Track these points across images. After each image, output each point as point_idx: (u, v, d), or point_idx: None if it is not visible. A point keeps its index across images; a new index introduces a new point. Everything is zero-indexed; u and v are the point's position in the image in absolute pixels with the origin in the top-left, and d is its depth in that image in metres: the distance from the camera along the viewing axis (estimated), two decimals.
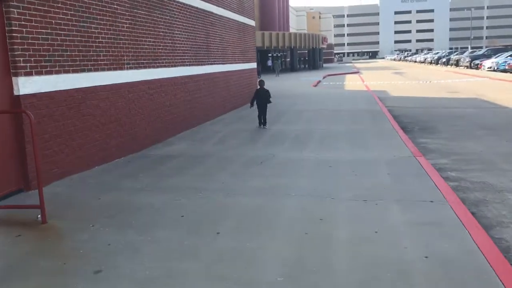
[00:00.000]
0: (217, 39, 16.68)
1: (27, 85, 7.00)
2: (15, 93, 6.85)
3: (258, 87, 14.00)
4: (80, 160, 8.28)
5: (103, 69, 9.06)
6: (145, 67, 10.84)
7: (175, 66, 12.63)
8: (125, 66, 9.93)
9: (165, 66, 11.97)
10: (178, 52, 12.88)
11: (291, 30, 79.96)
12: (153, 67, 11.30)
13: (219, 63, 16.91)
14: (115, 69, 9.49)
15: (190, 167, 8.49)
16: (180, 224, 5.58)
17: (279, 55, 68.80)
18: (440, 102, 20.60)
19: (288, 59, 69.20)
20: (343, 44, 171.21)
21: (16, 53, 6.82)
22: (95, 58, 8.82)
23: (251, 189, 6.99)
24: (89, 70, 8.62)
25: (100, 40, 9.00)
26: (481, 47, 68.02)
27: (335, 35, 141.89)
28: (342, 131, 12.45)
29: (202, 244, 4.94)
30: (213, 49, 16.16)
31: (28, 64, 7.06)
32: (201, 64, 14.87)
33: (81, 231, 5.44)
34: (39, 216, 5.73)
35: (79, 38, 8.33)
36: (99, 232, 5.40)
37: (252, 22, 22.52)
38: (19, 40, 6.88)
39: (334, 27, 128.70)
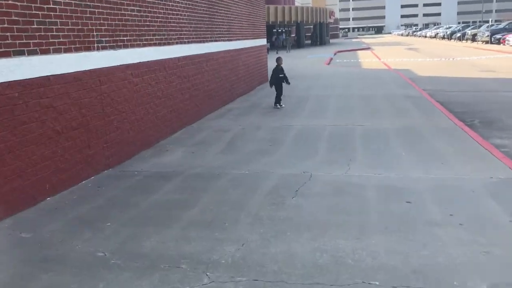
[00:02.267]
0: (223, 10, 13.58)
1: None
2: None
3: (276, 64, 13.25)
4: (16, 193, 5.38)
5: (56, 51, 6.08)
6: (126, 46, 7.84)
7: (169, 44, 9.62)
8: (94, 45, 6.94)
9: (155, 45, 8.96)
10: (172, 26, 9.84)
11: (296, 4, 76.13)
12: (138, 45, 8.30)
13: (225, 40, 13.84)
14: (77, 50, 6.51)
15: (186, 204, 5.55)
16: None
17: (284, 30, 65.26)
18: (481, 84, 17.52)
19: (293, 35, 65.62)
20: (348, 19, 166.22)
21: None
22: (42, 34, 5.84)
23: (300, 263, 4.07)
24: (32, 53, 5.64)
25: (50, 5, 6.00)
26: (487, 22, 64.23)
27: (340, 10, 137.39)
28: (389, 128, 9.48)
29: None
30: (217, 22, 13.08)
31: None
32: (203, 41, 11.83)
33: None
34: None
35: (9, 2, 5.34)
36: None
37: None
38: None
39: (339, 1, 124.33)
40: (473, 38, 54.07)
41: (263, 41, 19.40)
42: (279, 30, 63.45)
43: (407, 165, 6.85)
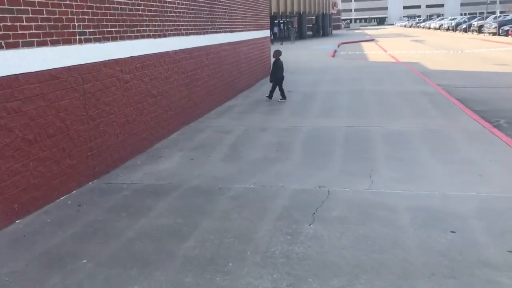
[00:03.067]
0: None
1: None
2: None
3: (274, 58, 12.72)
4: None
5: (27, 45, 5.10)
6: (114, 39, 6.85)
7: (165, 36, 8.62)
8: (76, 38, 5.95)
9: (149, 37, 7.97)
10: (169, 16, 8.84)
11: None
12: (129, 38, 7.31)
13: (227, 31, 12.82)
14: (54, 43, 5.53)
15: (181, 233, 4.58)
16: None
17: (285, 21, 64.00)
18: (497, 79, 16.49)
19: (295, 26, 64.30)
20: (351, 10, 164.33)
21: None
22: (8, 24, 4.86)
23: None
24: None
25: None
26: (494, 13, 62.82)
27: (343, 0, 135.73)
28: (411, 131, 8.51)
29: None
30: (218, 12, 12.06)
31: None
32: (203, 33, 10.83)
33: None
34: None
35: None
36: None
37: None
38: None
39: None
40: (480, 30, 52.88)
41: (266, 33, 18.36)
42: (281, 21, 62.27)
43: (440, 179, 5.88)
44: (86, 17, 6.16)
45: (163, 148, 7.90)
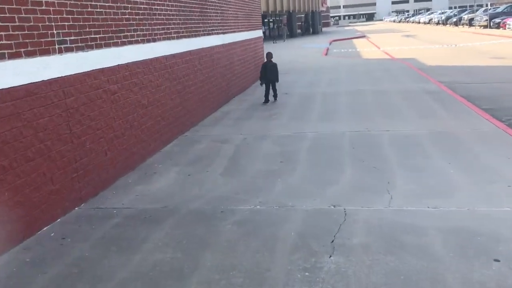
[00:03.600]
0: None
1: None
2: None
3: (265, 60, 12.36)
4: None
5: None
6: (99, 46, 6.21)
7: (154, 40, 7.99)
8: (56, 47, 5.31)
9: (137, 42, 7.33)
10: (158, 19, 8.21)
11: None
12: (116, 44, 6.67)
13: (219, 33, 12.20)
14: (30, 54, 4.88)
15: (180, 272, 3.94)
16: None
17: (274, 20, 63.39)
18: (497, 73, 15.99)
19: (285, 24, 63.67)
20: (339, 7, 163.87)
21: None
22: None
23: None
24: None
25: None
26: (482, 6, 62.64)
27: None
28: (420, 134, 7.93)
29: None
30: (210, 13, 11.44)
31: None
32: (195, 35, 10.20)
33: None
34: None
35: None
36: None
37: None
38: None
39: None
40: (470, 23, 52.56)
41: (259, 33, 17.76)
42: (271, 20, 61.73)
43: (464, 191, 5.31)
44: (66, 23, 5.52)
45: (156, 163, 7.27)
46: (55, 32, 5.31)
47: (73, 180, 5.54)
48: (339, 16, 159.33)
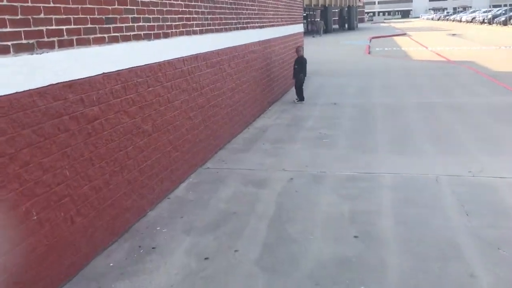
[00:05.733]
0: None
1: None
2: None
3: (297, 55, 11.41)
4: None
5: None
6: (66, 45, 3.74)
7: (165, 36, 5.49)
8: (13, 47, 2.86)
9: (137, 38, 4.84)
10: (172, 7, 5.69)
11: None
12: (99, 41, 4.19)
13: (255, 26, 9.65)
14: None
15: None
16: None
17: (309, 14, 60.45)
18: None
19: (317, 19, 60.58)
20: (374, 3, 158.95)
21: None
22: None
23: None
24: None
25: None
26: None
27: None
28: None
29: None
30: (244, 0, 8.89)
31: None
32: (225, 30, 7.68)
33: None
34: None
35: None
36: None
37: None
38: None
39: None
40: None
41: (300, 27, 15.10)
42: (304, 14, 58.86)
43: None
44: (39, 18, 3.07)
45: (158, 223, 4.78)
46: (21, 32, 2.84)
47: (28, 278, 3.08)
48: (373, 13, 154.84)
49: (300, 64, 11.17)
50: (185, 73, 6.00)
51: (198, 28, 6.47)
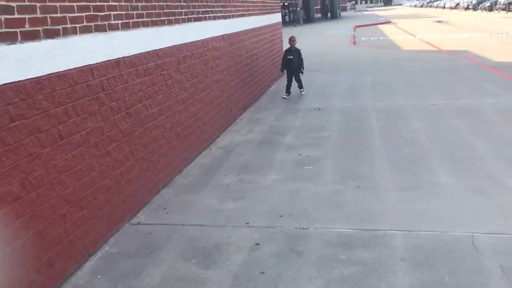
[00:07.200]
0: None
1: None
2: None
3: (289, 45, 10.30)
4: None
5: None
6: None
7: (131, 26, 3.48)
8: None
9: (96, 29, 2.84)
10: None
11: None
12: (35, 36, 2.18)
13: (217, 17, 7.65)
14: None
15: None
16: None
17: (289, 3, 58.33)
18: None
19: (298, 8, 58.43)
20: None
21: None
22: None
23: None
24: None
25: None
26: None
27: None
28: None
29: None
30: None
31: None
32: (167, 22, 5.67)
33: None
34: None
35: None
36: None
37: None
38: None
39: None
40: (509, 8, 47.23)
41: (277, 17, 13.11)
42: (286, 4, 56.88)
43: None
44: None
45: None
46: None
47: None
48: (356, 0, 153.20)
49: (297, 55, 10.22)
50: (96, 89, 4.00)
51: (119, 22, 4.46)
